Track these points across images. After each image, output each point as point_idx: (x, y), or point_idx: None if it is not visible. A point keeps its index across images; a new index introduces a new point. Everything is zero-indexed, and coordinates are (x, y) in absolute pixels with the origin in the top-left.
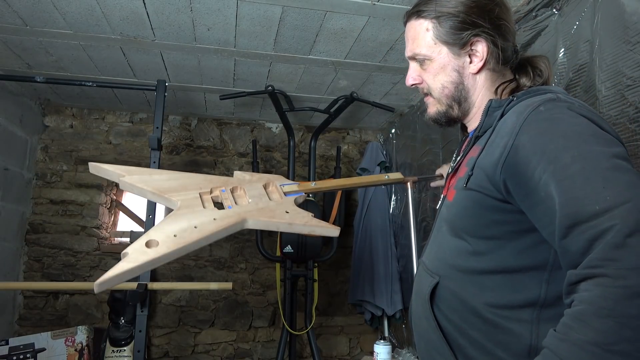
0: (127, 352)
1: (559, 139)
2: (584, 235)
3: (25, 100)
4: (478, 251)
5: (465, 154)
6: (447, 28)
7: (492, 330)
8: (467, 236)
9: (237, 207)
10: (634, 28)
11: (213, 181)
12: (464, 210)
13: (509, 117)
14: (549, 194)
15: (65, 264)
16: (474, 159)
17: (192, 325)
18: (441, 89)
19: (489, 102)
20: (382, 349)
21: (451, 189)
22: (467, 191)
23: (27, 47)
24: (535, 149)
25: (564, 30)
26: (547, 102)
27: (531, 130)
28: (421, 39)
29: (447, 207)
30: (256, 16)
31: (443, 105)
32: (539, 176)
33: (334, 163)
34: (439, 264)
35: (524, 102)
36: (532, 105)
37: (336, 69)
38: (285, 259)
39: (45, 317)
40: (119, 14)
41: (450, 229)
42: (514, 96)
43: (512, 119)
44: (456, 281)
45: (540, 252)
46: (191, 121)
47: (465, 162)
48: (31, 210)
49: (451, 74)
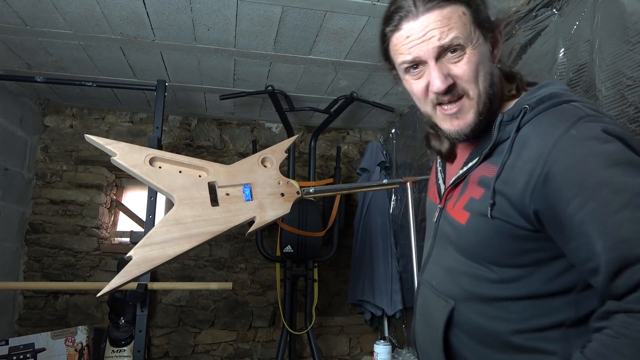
0: (127, 352)
1: (596, 171)
2: (634, 277)
3: (25, 100)
4: (504, 279)
5: (471, 168)
6: (480, 8)
7: (519, 353)
8: (490, 265)
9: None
10: (634, 28)
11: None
12: (487, 240)
13: (531, 137)
14: (586, 232)
15: (65, 264)
16: (490, 180)
17: (192, 325)
18: (482, 82)
19: (501, 116)
20: (382, 349)
21: (458, 208)
22: (490, 219)
23: (27, 47)
24: (570, 182)
25: (564, 30)
26: (578, 124)
27: (564, 159)
28: (460, 25)
29: (455, 228)
30: (256, 16)
31: (482, 105)
32: (575, 211)
33: (334, 163)
34: (452, 288)
35: (547, 119)
36: (561, 127)
37: (336, 69)
38: (285, 259)
39: (45, 317)
40: (119, 14)
41: (465, 254)
42: (525, 106)
43: (536, 140)
44: (476, 307)
45: (569, 276)
46: (191, 121)
47: (475, 179)
48: (31, 210)
49: (488, 64)
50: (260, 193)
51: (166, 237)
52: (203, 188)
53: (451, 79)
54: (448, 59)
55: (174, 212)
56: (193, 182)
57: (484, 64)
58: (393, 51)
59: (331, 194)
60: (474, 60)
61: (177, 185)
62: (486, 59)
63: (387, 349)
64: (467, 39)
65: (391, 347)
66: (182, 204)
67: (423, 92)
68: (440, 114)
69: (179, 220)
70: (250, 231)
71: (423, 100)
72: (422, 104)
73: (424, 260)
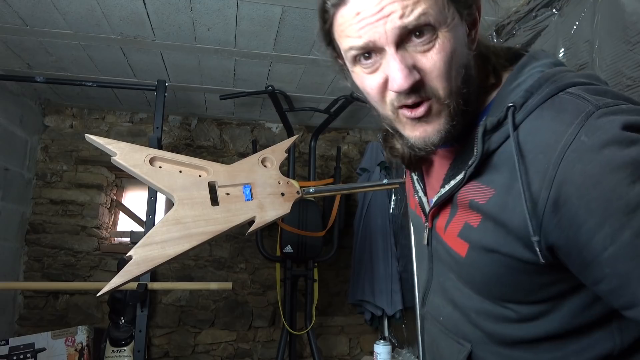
0: (127, 352)
1: (623, 188)
2: None
3: (25, 100)
4: (525, 317)
5: (455, 188)
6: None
7: None
8: (505, 303)
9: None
10: (634, 28)
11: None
12: (496, 278)
13: (528, 147)
14: (622, 273)
15: (65, 264)
16: (481, 206)
17: (192, 325)
18: (457, 78)
19: (483, 126)
20: (382, 349)
21: (452, 234)
22: (493, 254)
23: (27, 47)
24: (590, 208)
25: (564, 30)
26: (587, 125)
27: (577, 178)
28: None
29: (454, 259)
30: (256, 16)
31: (454, 108)
32: (602, 246)
33: (334, 163)
34: (466, 328)
35: (544, 121)
36: (566, 131)
37: None
38: (285, 259)
39: (45, 317)
40: (119, 14)
41: (473, 289)
42: (510, 105)
43: (535, 152)
44: (498, 351)
45: (603, 303)
46: (191, 121)
47: (464, 201)
48: (31, 210)
49: (463, 52)
50: (260, 193)
51: (166, 236)
52: (203, 188)
53: (417, 73)
54: (414, 46)
55: (174, 212)
56: (193, 181)
57: (460, 53)
58: (337, 33)
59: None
60: (448, 48)
61: (177, 185)
62: (462, 45)
63: (387, 349)
64: (438, 17)
65: (391, 347)
66: (182, 204)
67: (379, 90)
68: (403, 117)
69: (179, 220)
70: (250, 231)
71: (379, 100)
72: (379, 105)
73: (422, 288)
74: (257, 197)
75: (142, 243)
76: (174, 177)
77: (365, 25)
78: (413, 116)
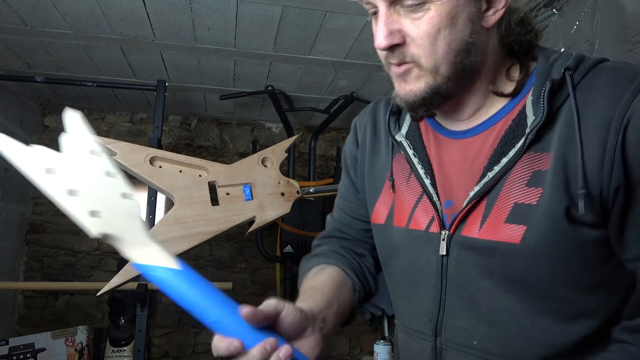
0: (127, 352)
1: None
2: None
3: (25, 100)
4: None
5: (513, 161)
6: None
7: None
8: (570, 293)
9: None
10: (634, 28)
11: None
12: (563, 256)
13: (590, 103)
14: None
15: (65, 264)
16: (544, 173)
17: (192, 325)
18: (445, 52)
19: (550, 83)
20: (382, 349)
21: (494, 224)
22: (559, 226)
23: (27, 47)
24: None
25: (564, 30)
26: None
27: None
28: None
29: (497, 255)
30: (256, 16)
31: (439, 77)
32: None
33: (334, 163)
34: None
35: (601, 80)
36: (628, 85)
37: (336, 69)
38: (285, 259)
39: (45, 317)
40: (119, 14)
41: (524, 287)
42: (567, 68)
43: (598, 105)
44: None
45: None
46: (191, 121)
47: (519, 179)
48: (31, 210)
49: (464, 28)
50: (260, 193)
51: (166, 236)
52: (203, 187)
53: (400, 37)
54: (405, 10)
55: (174, 212)
56: (193, 181)
57: (456, 28)
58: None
59: (331, 194)
60: (437, 21)
61: (177, 184)
62: (465, 19)
63: (387, 349)
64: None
65: (391, 347)
66: (183, 204)
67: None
68: (392, 73)
69: (179, 220)
70: (250, 231)
71: (380, 55)
72: (383, 60)
73: (425, 315)
74: (257, 196)
75: None
76: (174, 176)
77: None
78: (395, 73)
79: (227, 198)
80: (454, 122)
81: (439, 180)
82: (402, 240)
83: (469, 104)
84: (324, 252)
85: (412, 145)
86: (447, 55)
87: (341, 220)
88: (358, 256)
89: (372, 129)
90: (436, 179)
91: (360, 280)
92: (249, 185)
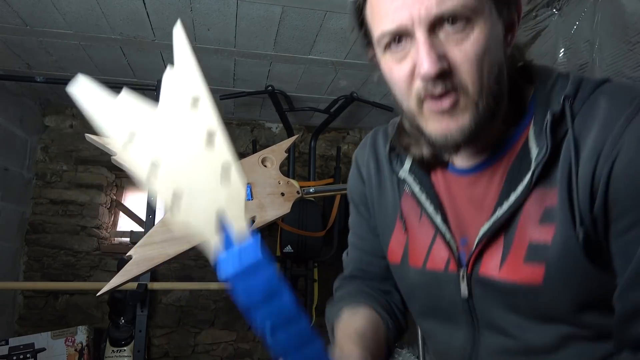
0: (127, 352)
1: None
2: None
3: (25, 100)
4: (605, 331)
5: (521, 198)
6: None
7: None
8: (594, 317)
9: None
10: (634, 28)
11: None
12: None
13: (586, 131)
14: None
15: (65, 264)
16: (553, 210)
17: (192, 325)
18: (488, 76)
19: (550, 116)
20: None
21: (513, 264)
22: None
23: (27, 47)
24: (634, 187)
25: (564, 30)
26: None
27: (630, 152)
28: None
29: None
30: (256, 16)
31: (482, 107)
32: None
33: (334, 163)
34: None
35: (598, 106)
36: (623, 110)
37: (336, 69)
38: (285, 259)
39: (45, 317)
40: (119, 14)
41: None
42: (567, 96)
43: (594, 133)
44: None
45: None
46: None
47: (531, 217)
48: (31, 210)
49: (499, 49)
50: (260, 192)
51: (166, 236)
52: None
53: (446, 62)
54: (445, 34)
55: None
56: None
57: (495, 50)
58: (371, 13)
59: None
60: (482, 42)
61: None
62: (498, 42)
63: None
64: (477, 7)
65: None
66: None
67: (406, 78)
68: (427, 110)
69: None
70: None
71: (405, 91)
72: (405, 98)
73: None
74: (257, 196)
75: (142, 243)
76: None
77: (400, 2)
78: (438, 108)
79: None
80: (458, 156)
81: (451, 217)
82: (420, 281)
83: (484, 137)
84: (350, 293)
85: (417, 180)
86: (490, 81)
87: (361, 259)
88: (385, 294)
89: (375, 164)
90: (448, 215)
91: (391, 318)
92: (248, 185)
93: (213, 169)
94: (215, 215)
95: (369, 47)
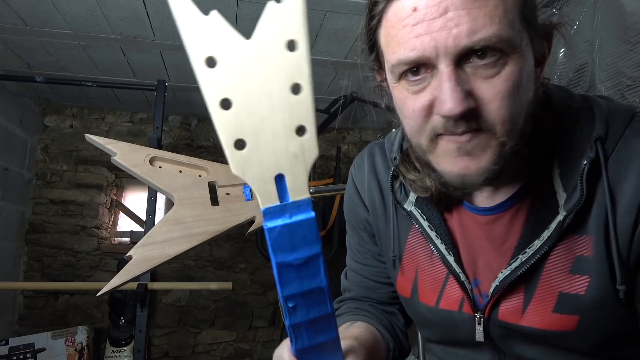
0: (127, 352)
1: None
2: None
3: (25, 100)
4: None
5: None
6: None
7: None
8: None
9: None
10: (634, 28)
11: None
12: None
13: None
14: None
15: (65, 264)
16: (588, 259)
17: (192, 325)
18: (519, 115)
19: (587, 163)
20: None
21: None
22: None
23: (27, 47)
24: None
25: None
26: None
27: None
28: (504, 15)
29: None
30: (256, 16)
31: (508, 149)
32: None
33: (334, 163)
34: None
35: (632, 149)
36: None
37: (336, 69)
38: None
39: (45, 317)
40: (119, 14)
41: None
42: (596, 137)
43: (631, 180)
44: None
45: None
46: (191, 121)
47: (558, 263)
48: (31, 210)
49: (529, 87)
50: None
51: (166, 236)
52: (203, 188)
53: (473, 100)
54: (474, 68)
55: (174, 212)
56: (193, 181)
57: (526, 87)
58: (385, 37)
59: (331, 194)
60: (516, 78)
61: (177, 184)
62: (530, 78)
63: None
64: (512, 41)
65: None
66: (183, 204)
67: (422, 113)
68: (442, 147)
69: (179, 220)
70: (250, 231)
71: (419, 125)
72: (416, 132)
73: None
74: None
75: (142, 243)
76: (174, 177)
77: (422, 29)
78: (457, 144)
79: (227, 198)
80: (475, 195)
81: (464, 256)
82: (434, 318)
83: (505, 176)
84: (350, 310)
85: (425, 216)
86: (519, 119)
87: (363, 285)
88: (388, 314)
89: (379, 193)
90: (461, 254)
91: (393, 338)
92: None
93: (290, 120)
94: (278, 166)
95: (379, 71)
